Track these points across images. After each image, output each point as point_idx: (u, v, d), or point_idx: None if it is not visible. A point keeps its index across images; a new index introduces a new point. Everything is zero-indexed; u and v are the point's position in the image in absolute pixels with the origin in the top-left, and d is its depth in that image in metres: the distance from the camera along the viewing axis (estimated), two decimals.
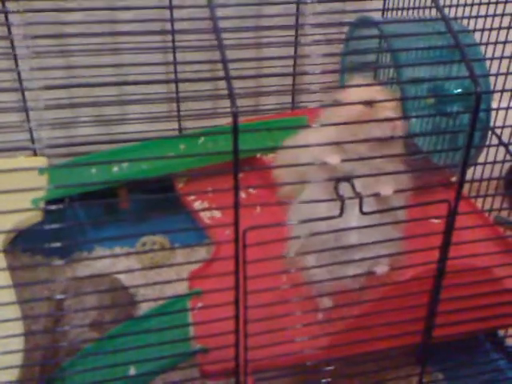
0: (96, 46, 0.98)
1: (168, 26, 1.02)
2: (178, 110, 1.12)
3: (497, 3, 0.75)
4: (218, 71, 1.07)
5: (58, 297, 0.81)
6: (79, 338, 0.81)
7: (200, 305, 0.73)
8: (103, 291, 0.84)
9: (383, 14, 1.04)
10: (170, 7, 1.00)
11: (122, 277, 0.99)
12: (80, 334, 0.82)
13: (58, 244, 0.54)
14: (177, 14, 1.03)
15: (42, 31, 1.01)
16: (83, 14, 1.00)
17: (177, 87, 1.10)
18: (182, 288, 0.98)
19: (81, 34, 0.97)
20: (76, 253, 1.11)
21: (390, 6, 1.02)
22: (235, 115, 0.51)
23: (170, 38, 1.03)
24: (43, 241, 0.54)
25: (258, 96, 1.17)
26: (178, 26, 1.03)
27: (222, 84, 0.51)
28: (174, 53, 1.05)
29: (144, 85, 1.07)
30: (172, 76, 1.10)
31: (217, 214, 0.98)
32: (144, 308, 0.96)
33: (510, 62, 0.69)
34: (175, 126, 1.12)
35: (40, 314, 0.86)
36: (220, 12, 0.82)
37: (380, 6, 1.05)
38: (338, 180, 0.61)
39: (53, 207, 0.56)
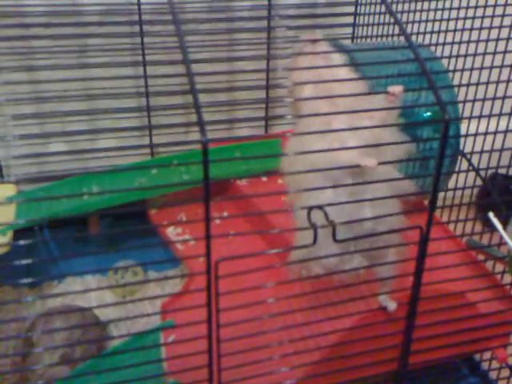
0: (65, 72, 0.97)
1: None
2: (149, 126, 1.10)
3: (463, 30, 0.77)
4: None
5: (25, 335, 0.78)
6: (48, 373, 0.78)
7: (173, 337, 0.71)
8: (74, 327, 0.81)
9: (352, 41, 1.06)
10: (140, 22, 1.00)
11: (93, 305, 0.97)
12: (50, 368, 0.79)
13: (28, 279, 0.54)
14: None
15: (7, 47, 0.98)
16: (51, 30, 0.98)
17: (148, 105, 1.09)
18: (155, 319, 0.96)
19: (48, 51, 0.95)
20: (46, 283, 1.08)
21: (359, 34, 1.03)
22: (205, 145, 0.51)
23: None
24: (12, 269, 0.53)
25: (231, 121, 1.16)
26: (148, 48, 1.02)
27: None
28: (146, 81, 1.04)
29: (115, 100, 1.05)
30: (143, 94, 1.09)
31: (190, 239, 0.97)
32: (116, 334, 0.94)
33: (477, 88, 0.71)
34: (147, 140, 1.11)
35: (7, 354, 0.83)
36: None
37: (349, 32, 1.07)
38: (311, 208, 0.61)
39: (21, 242, 0.54)
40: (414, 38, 0.86)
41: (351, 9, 1.05)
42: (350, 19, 1.06)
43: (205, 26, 1.05)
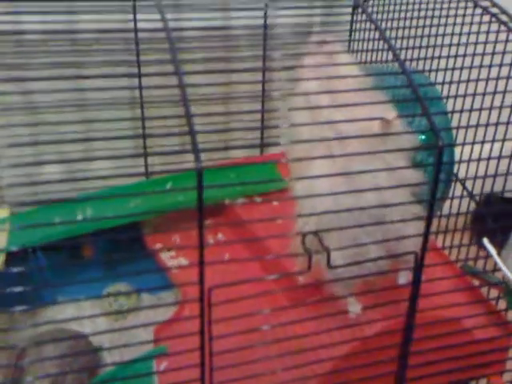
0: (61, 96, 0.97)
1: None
2: (145, 153, 1.11)
3: (456, 56, 0.77)
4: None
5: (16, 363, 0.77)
6: None
7: (165, 365, 0.70)
8: (65, 355, 0.80)
9: None
10: (138, 62, 1.00)
11: (86, 331, 0.96)
12: None
13: (21, 307, 0.54)
14: (144, 70, 1.03)
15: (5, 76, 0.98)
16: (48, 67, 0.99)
17: (143, 127, 1.09)
18: (148, 338, 0.95)
19: (46, 90, 0.95)
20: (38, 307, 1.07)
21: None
22: (200, 172, 0.51)
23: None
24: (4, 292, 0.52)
25: (226, 148, 1.17)
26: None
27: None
28: (142, 108, 1.04)
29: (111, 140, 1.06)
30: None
31: (183, 261, 0.96)
32: (108, 358, 0.93)
33: (469, 115, 0.71)
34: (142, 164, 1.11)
35: None
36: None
37: None
38: (305, 234, 0.61)
39: (14, 270, 0.54)
40: (408, 64, 0.87)
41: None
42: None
43: (201, 54, 1.06)
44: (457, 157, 0.83)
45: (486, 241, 0.64)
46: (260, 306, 0.61)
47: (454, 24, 0.79)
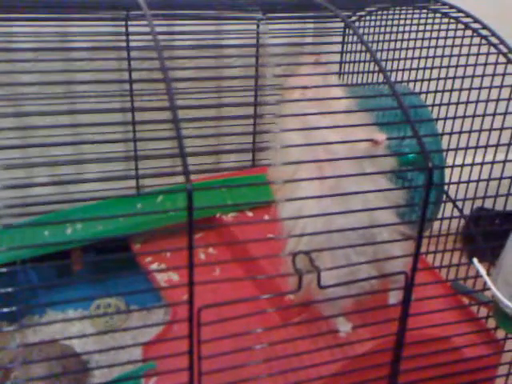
0: (52, 107, 0.97)
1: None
2: (136, 169, 1.11)
3: (446, 78, 0.78)
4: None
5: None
6: None
7: (153, 381, 0.70)
8: (54, 375, 0.79)
9: None
10: (129, 69, 1.00)
11: (74, 342, 0.95)
12: None
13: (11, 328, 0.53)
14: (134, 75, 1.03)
15: None
16: (39, 74, 0.99)
17: (135, 146, 1.09)
18: (137, 353, 0.94)
19: (37, 96, 0.95)
20: (27, 316, 1.06)
21: (345, 82, 1.04)
22: (190, 193, 0.51)
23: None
24: None
25: (217, 155, 1.17)
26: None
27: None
28: (133, 113, 1.04)
29: (102, 144, 1.06)
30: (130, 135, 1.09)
31: (173, 275, 0.96)
32: (97, 375, 0.92)
33: (459, 136, 0.72)
34: (133, 184, 1.11)
35: None
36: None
37: None
38: (295, 254, 0.61)
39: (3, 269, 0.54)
40: (399, 85, 0.87)
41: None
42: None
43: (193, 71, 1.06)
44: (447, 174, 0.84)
45: (475, 260, 0.65)
46: (250, 324, 0.61)
47: (444, 46, 0.80)
